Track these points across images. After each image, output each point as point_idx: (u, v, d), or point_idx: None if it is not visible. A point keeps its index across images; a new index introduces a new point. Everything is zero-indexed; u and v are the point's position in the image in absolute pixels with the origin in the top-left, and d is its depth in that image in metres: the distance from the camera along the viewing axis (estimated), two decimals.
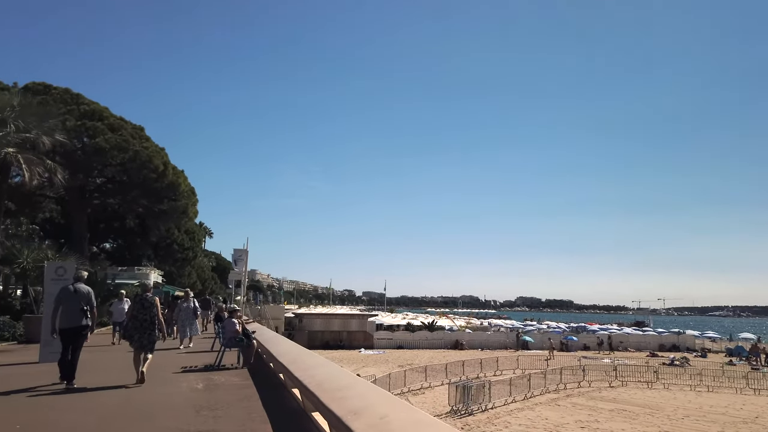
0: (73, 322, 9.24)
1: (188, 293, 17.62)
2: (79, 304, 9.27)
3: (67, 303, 9.25)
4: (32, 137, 17.39)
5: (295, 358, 8.49)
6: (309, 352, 9.45)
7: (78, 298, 9.31)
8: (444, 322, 66.97)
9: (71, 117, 27.59)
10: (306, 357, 8.57)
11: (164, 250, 54.05)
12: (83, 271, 10.90)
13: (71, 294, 9.34)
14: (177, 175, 31.30)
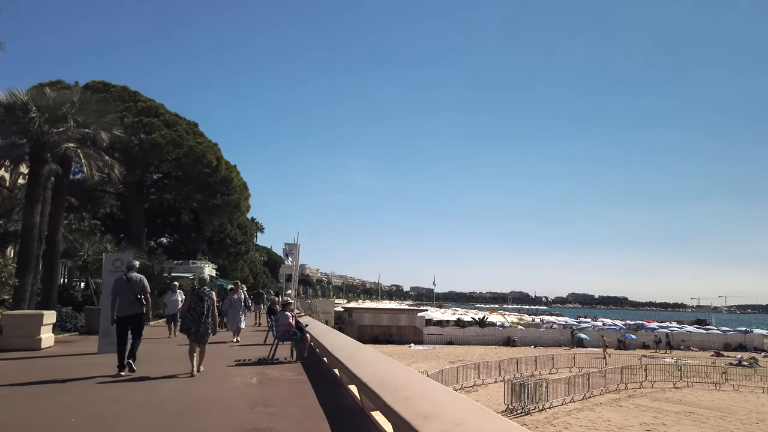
0: (128, 310, 9.57)
1: (238, 285, 17.54)
2: (133, 293, 9.57)
3: (122, 293, 9.57)
4: (91, 132, 17.73)
5: (351, 354, 8.13)
6: (365, 348, 9.08)
7: (131, 287, 9.60)
8: (495, 318, 65.73)
9: (129, 114, 28.28)
10: (363, 352, 8.20)
11: (218, 245, 55.19)
12: (135, 260, 11.20)
13: (125, 283, 9.63)
14: (230, 169, 31.69)
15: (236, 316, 16.20)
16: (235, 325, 16.21)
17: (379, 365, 6.59)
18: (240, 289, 17.19)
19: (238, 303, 16.36)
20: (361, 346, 9.48)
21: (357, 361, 7.18)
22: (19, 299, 15.52)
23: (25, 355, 12.34)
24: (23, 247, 16.09)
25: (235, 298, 16.33)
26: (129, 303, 9.57)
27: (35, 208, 16.06)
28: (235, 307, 16.24)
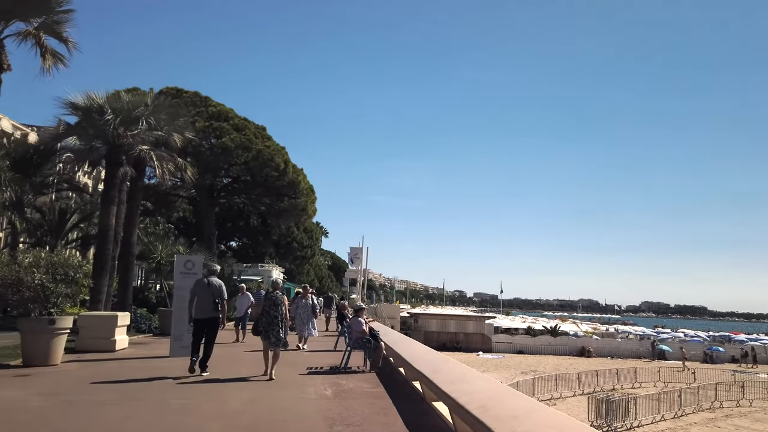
0: (204, 313, 9.73)
1: (307, 289, 16.61)
2: (211, 297, 9.75)
3: (201, 295, 9.76)
4: (164, 135, 17.85)
5: (436, 367, 7.28)
6: (449, 359, 8.20)
7: (210, 291, 9.78)
8: (567, 326, 62.93)
9: (200, 119, 28.78)
10: (450, 366, 7.33)
11: (285, 248, 55.94)
12: (216, 265, 11.28)
13: (204, 287, 9.83)
14: (297, 172, 31.71)
15: (306, 322, 15.35)
16: (304, 331, 15.31)
17: (473, 382, 5.72)
18: (309, 294, 16.42)
19: (307, 308, 15.58)
20: (443, 357, 8.63)
21: (446, 377, 6.33)
22: (95, 300, 15.71)
23: (99, 357, 12.28)
24: (99, 248, 16.31)
25: (303, 303, 15.56)
26: (206, 306, 9.73)
27: (110, 210, 16.25)
28: (304, 312, 15.46)
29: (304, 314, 15.43)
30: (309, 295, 16.30)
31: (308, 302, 15.80)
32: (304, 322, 15.32)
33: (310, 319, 15.53)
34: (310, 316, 15.67)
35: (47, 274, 10.63)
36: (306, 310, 15.54)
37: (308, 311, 15.62)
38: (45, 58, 11.69)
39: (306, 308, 15.59)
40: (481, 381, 5.81)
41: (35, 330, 10.57)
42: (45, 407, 6.86)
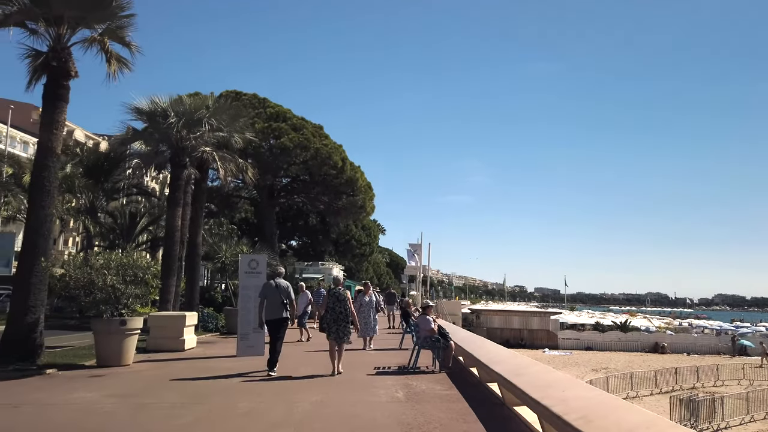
0: (274, 314, 9.95)
1: (368, 285, 15.79)
2: (280, 298, 9.96)
3: (270, 297, 9.98)
4: (226, 136, 17.99)
5: (517, 369, 6.72)
6: (531, 361, 7.61)
7: (278, 292, 10.00)
8: (639, 321, 60.11)
9: (259, 120, 29.09)
10: (534, 368, 6.76)
11: (343, 246, 56.19)
12: (281, 267, 11.53)
13: (273, 289, 10.05)
14: (354, 170, 31.59)
15: (369, 321, 14.64)
16: (368, 330, 14.52)
17: (569, 388, 5.13)
18: (371, 290, 15.76)
19: (370, 306, 14.82)
20: (524, 358, 8.04)
21: (532, 380, 5.77)
22: (163, 300, 15.98)
23: (169, 357, 12.40)
24: (166, 249, 16.60)
25: (366, 301, 14.86)
26: (275, 308, 9.95)
27: (176, 211, 16.51)
28: (366, 310, 14.67)
29: (367, 312, 14.76)
30: (371, 292, 15.68)
31: (371, 299, 15.18)
32: (367, 322, 14.47)
33: (373, 317, 15.00)
34: (373, 315, 15.13)
35: (118, 276, 10.78)
36: (369, 308, 14.86)
37: (371, 309, 15.03)
38: (110, 63, 11.83)
39: (369, 306, 14.91)
40: (579, 387, 5.22)
41: (107, 331, 10.73)
42: (116, 411, 6.80)
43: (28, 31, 11.45)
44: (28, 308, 10.52)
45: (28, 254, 10.67)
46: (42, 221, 10.90)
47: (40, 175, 11.01)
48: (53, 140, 11.10)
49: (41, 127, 11.15)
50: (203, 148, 17.15)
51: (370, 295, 15.25)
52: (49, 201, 11.04)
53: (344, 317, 9.73)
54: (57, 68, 11.20)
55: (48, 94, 11.20)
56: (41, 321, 10.80)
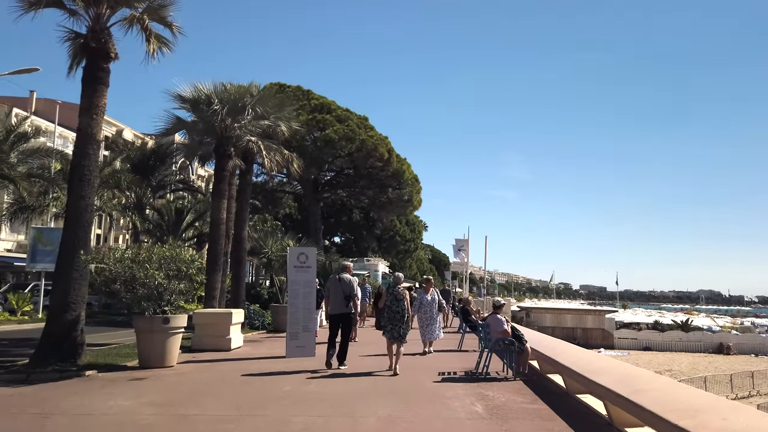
0: (337, 309, 10.03)
1: (430, 282, 13.49)
2: (342, 293, 9.98)
3: (333, 292, 10.10)
4: (271, 125, 17.18)
5: (630, 382, 5.47)
6: (640, 370, 6.35)
7: (341, 287, 10.02)
8: (701, 320, 56.91)
9: (303, 112, 28.34)
10: (658, 382, 5.52)
11: (387, 242, 55.22)
12: (347, 262, 11.86)
13: (336, 283, 10.12)
14: (401, 162, 30.52)
15: (431, 322, 12.73)
16: (429, 333, 12.67)
17: (727, 415, 3.89)
18: (432, 288, 13.57)
19: (432, 305, 12.82)
20: (627, 365, 6.78)
21: (665, 402, 4.52)
22: (209, 297, 15.31)
23: (214, 357, 11.61)
24: (211, 243, 15.92)
25: (428, 299, 12.76)
26: (338, 302, 10.01)
27: (221, 204, 15.78)
28: (428, 309, 12.71)
29: (429, 313, 12.75)
30: (433, 290, 13.39)
31: (434, 298, 13.10)
32: (428, 323, 12.68)
33: (434, 318, 12.90)
34: (436, 315, 13.06)
35: (160, 270, 10.02)
36: (430, 307, 12.82)
37: (433, 309, 12.90)
38: (150, 42, 11.11)
39: (431, 305, 12.84)
40: (744, 412, 3.96)
41: (150, 329, 9.99)
42: (155, 424, 5.90)
43: (67, 11, 10.80)
44: (68, 304, 9.85)
45: (67, 247, 10.01)
46: (82, 212, 10.23)
47: (79, 163, 10.34)
48: (93, 126, 10.41)
49: (80, 112, 10.46)
50: (248, 137, 16.35)
51: (432, 293, 13.18)
52: (89, 191, 10.36)
53: (401, 317, 9.62)
54: (96, 49, 10.51)
55: (87, 77, 10.52)
56: (82, 318, 10.12)
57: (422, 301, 12.83)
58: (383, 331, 9.86)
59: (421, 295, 13.30)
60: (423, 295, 13.19)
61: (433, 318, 12.75)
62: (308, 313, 11.75)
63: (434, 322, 12.83)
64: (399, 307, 9.65)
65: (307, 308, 11.80)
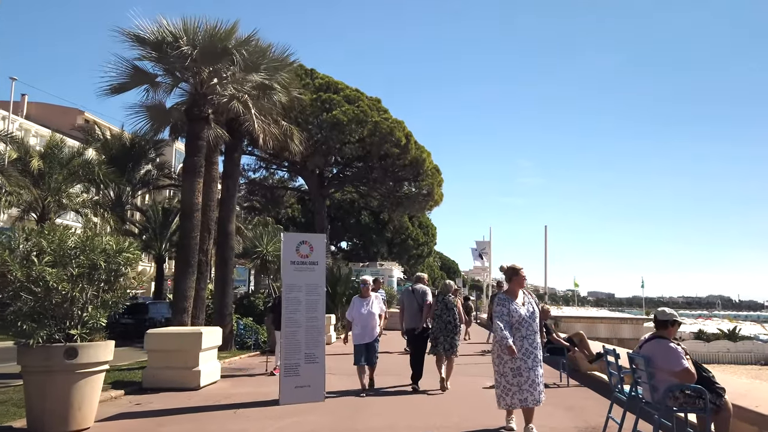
0: (413, 323, 9.01)
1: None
2: (416, 304, 9.02)
3: (408, 304, 9.18)
4: (264, 83, 13.08)
5: None
6: None
7: (414, 298, 9.08)
8: (750, 328, 52.02)
9: (306, 91, 24.18)
10: None
11: (398, 246, 50.95)
12: (422, 272, 10.30)
13: (409, 294, 9.26)
14: (420, 150, 26.26)
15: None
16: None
17: None
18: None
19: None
20: None
21: None
22: (178, 310, 11.10)
23: (170, 404, 7.47)
24: (182, 236, 11.72)
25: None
26: (413, 315, 9.07)
27: (194, 184, 11.59)
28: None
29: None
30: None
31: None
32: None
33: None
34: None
35: (60, 266, 5.87)
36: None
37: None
38: None
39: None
40: None
41: (45, 368, 5.83)
42: None
43: None
44: None
45: None
46: None
47: None
48: None
49: None
50: (230, 91, 12.23)
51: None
52: None
53: (453, 327, 8.79)
54: None
55: None
56: None
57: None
58: (430, 347, 8.82)
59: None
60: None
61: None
62: (314, 333, 7.60)
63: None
64: (449, 317, 8.79)
65: (313, 326, 7.66)
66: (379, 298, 8.72)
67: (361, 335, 8.33)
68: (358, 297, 8.66)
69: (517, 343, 5.65)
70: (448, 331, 8.74)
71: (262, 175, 32.47)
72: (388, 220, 44.43)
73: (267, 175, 32.74)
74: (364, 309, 8.41)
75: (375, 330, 8.41)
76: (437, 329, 8.78)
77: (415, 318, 8.99)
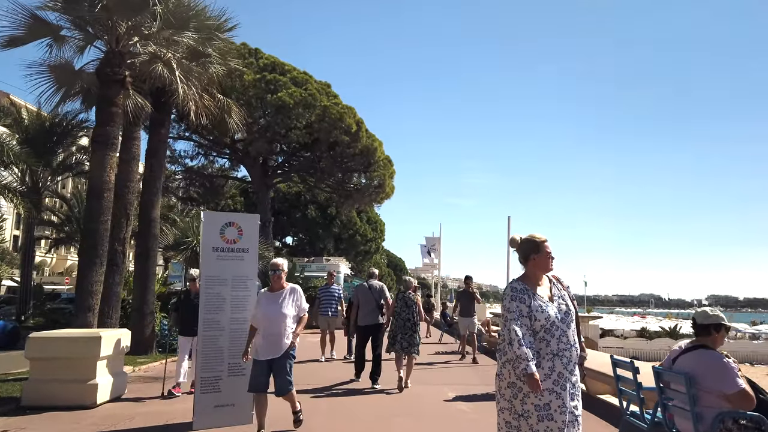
0: (370, 319, 8.82)
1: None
2: (375, 302, 8.86)
3: (364, 301, 8.93)
4: (196, 45, 11.29)
5: None
6: None
7: (372, 295, 8.91)
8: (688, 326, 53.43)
9: (249, 71, 22.37)
10: None
11: (346, 242, 49.44)
12: (374, 268, 10.52)
13: (366, 291, 9.01)
14: (371, 138, 24.82)
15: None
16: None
17: None
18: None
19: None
20: None
21: None
22: (81, 307, 9.20)
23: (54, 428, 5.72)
24: (88, 220, 9.77)
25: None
26: (370, 312, 8.83)
27: (105, 158, 9.66)
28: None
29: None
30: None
31: None
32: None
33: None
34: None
35: None
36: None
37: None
38: None
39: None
40: None
41: None
42: None
43: None
44: None
45: None
46: None
47: None
48: None
49: None
50: (153, 47, 10.37)
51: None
52: None
53: (412, 325, 8.50)
54: None
55: None
56: None
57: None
58: (388, 344, 8.64)
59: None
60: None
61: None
62: (242, 338, 6.02)
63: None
64: (409, 315, 8.59)
65: (240, 329, 6.09)
66: (296, 293, 5.73)
67: (264, 347, 5.49)
68: (265, 291, 5.78)
69: (545, 363, 3.36)
70: (406, 329, 8.47)
71: (201, 162, 30.21)
72: (336, 214, 42.88)
73: (206, 163, 30.48)
74: (272, 308, 5.54)
75: (283, 340, 5.49)
76: (395, 327, 8.53)
77: (372, 314, 8.74)
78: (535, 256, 3.60)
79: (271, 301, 5.58)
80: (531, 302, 3.45)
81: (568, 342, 3.42)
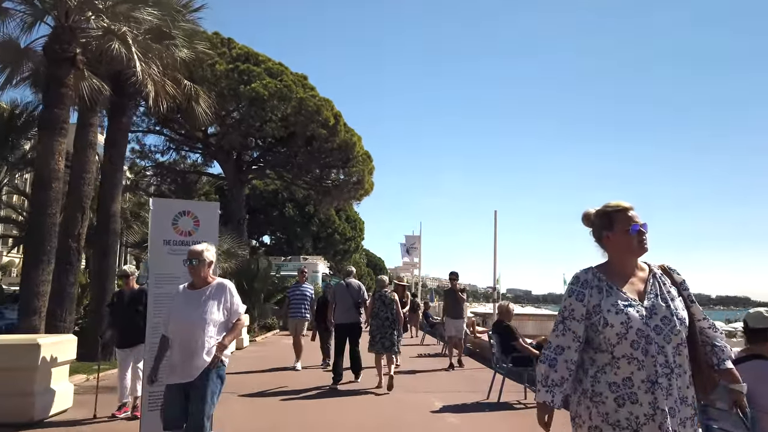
0: (348, 318, 8.66)
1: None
2: (352, 300, 8.71)
3: (341, 299, 8.77)
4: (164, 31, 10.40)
5: None
6: None
7: (350, 294, 8.73)
8: None
9: (222, 61, 21.39)
10: None
11: (324, 241, 48.53)
12: (350, 267, 10.33)
13: (344, 289, 8.81)
14: (350, 132, 24.00)
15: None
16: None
17: None
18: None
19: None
20: None
21: None
22: (26, 310, 8.25)
23: None
24: (35, 213, 8.82)
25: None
26: (347, 311, 8.68)
27: (53, 144, 8.70)
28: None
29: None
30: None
31: None
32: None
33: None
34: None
35: None
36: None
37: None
38: None
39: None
40: None
41: None
42: None
43: None
44: None
45: None
46: None
47: None
48: None
49: None
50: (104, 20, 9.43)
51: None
52: None
53: (390, 324, 8.37)
54: None
55: None
56: None
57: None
58: (369, 344, 8.42)
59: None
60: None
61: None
62: None
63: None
64: (387, 314, 8.41)
65: None
66: (225, 291, 4.01)
67: (178, 366, 3.88)
68: (184, 288, 4.08)
69: (643, 397, 2.21)
70: (385, 328, 8.35)
71: (173, 158, 29.04)
72: (314, 212, 41.98)
73: (178, 158, 29.34)
74: (188, 311, 3.90)
75: (202, 356, 3.81)
76: (374, 327, 8.41)
77: (350, 312, 8.66)
78: (609, 233, 2.49)
79: (188, 301, 3.94)
80: (598, 299, 2.37)
81: (668, 365, 2.24)
